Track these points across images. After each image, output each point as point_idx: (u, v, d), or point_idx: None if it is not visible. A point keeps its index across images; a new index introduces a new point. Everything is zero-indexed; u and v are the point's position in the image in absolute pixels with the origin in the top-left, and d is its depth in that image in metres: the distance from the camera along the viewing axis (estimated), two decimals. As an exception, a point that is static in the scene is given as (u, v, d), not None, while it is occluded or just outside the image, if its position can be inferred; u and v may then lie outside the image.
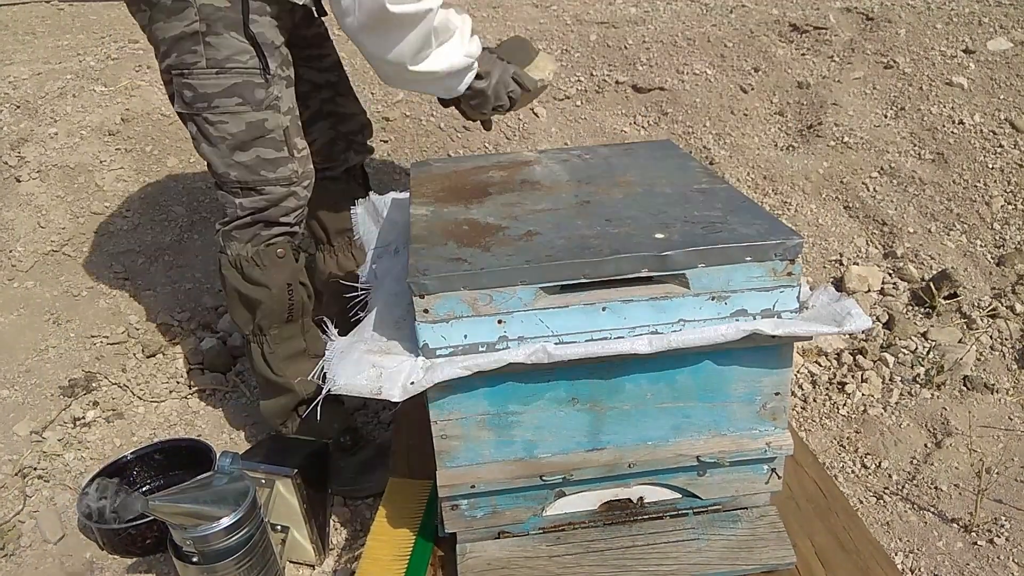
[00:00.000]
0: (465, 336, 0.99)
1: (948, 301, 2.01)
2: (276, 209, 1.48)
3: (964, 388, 1.82)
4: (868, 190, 2.35)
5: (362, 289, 1.29)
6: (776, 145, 2.55)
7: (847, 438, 1.74)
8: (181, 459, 1.65)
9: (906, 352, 1.90)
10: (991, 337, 1.92)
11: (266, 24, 1.37)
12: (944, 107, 2.52)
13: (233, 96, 1.37)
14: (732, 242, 0.99)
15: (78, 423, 1.83)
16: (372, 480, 1.61)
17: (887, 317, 2.00)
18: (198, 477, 1.23)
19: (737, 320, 1.01)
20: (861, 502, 1.58)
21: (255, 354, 1.57)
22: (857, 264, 2.15)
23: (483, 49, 1.48)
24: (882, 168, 2.40)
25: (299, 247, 1.56)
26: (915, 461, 1.66)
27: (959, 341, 1.92)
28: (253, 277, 1.50)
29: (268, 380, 1.58)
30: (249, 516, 1.18)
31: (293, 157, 1.46)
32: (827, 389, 1.86)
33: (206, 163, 1.46)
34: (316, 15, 1.49)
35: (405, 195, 1.46)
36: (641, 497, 1.14)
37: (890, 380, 1.85)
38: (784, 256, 0.99)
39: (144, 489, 1.62)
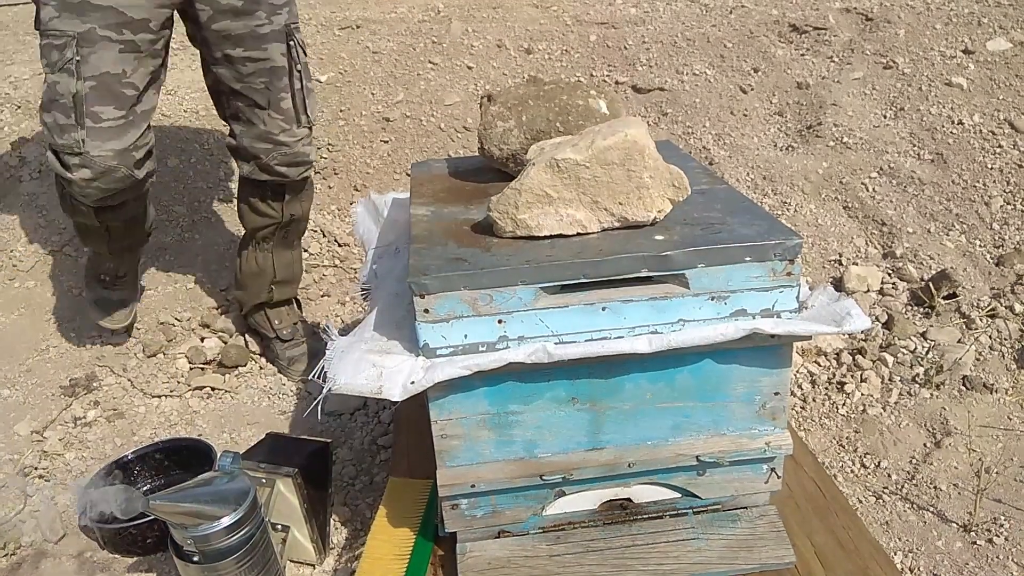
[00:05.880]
0: (465, 336, 0.99)
1: (947, 301, 2.01)
2: (69, 185, 1.51)
3: (963, 388, 1.82)
4: (867, 190, 2.35)
5: (363, 289, 1.30)
6: (775, 145, 2.55)
7: (846, 438, 1.74)
8: (182, 459, 1.65)
9: (905, 352, 1.90)
10: (990, 337, 1.92)
11: None
12: (943, 107, 2.53)
13: (41, 57, 1.44)
14: (732, 242, 0.99)
15: (79, 422, 1.83)
16: (304, 368, 1.93)
17: (886, 317, 2.00)
18: (199, 476, 1.24)
19: (737, 320, 1.01)
20: (860, 501, 1.58)
21: None
22: (856, 264, 2.15)
23: None
24: (881, 168, 2.40)
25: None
26: (914, 461, 1.67)
27: (958, 341, 1.92)
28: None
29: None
30: (250, 515, 1.18)
31: (80, 126, 1.43)
32: (826, 389, 1.87)
33: None
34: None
35: (405, 195, 1.46)
36: (641, 497, 1.14)
37: (889, 380, 1.85)
38: (783, 256, 0.99)
39: (145, 489, 1.62)
